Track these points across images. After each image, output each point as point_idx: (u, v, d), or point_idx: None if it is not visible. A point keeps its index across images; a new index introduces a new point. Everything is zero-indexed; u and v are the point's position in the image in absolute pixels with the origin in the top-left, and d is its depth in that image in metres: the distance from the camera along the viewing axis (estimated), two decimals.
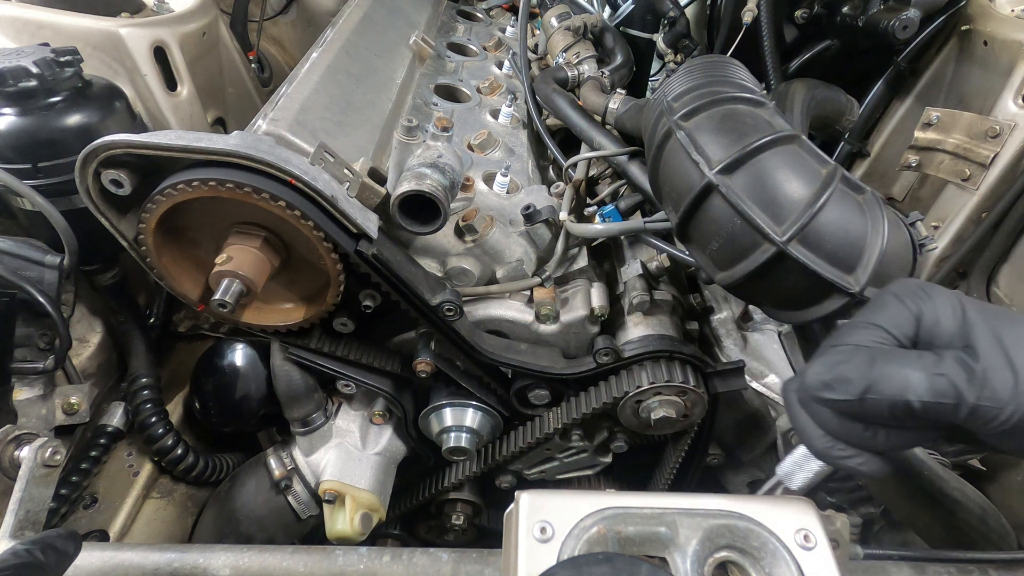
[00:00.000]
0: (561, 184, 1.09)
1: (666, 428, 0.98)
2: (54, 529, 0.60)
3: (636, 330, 0.96)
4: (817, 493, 0.98)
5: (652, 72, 1.63)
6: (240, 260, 0.78)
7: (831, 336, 0.51)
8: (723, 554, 0.49)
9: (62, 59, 0.94)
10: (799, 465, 0.57)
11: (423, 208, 0.80)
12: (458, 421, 1.04)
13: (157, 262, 0.81)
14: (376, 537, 1.25)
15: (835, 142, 1.35)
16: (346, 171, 0.80)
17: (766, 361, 0.99)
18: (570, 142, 1.28)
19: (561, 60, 1.35)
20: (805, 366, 0.50)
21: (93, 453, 1.06)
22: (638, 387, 0.91)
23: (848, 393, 0.46)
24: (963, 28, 1.16)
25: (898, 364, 0.45)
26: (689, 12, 1.50)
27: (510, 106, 1.24)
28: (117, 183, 0.74)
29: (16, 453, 0.83)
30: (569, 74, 1.30)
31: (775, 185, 0.69)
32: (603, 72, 1.31)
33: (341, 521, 1.01)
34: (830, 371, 0.47)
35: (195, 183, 0.72)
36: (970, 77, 1.15)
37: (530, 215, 0.94)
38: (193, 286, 0.87)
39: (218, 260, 0.77)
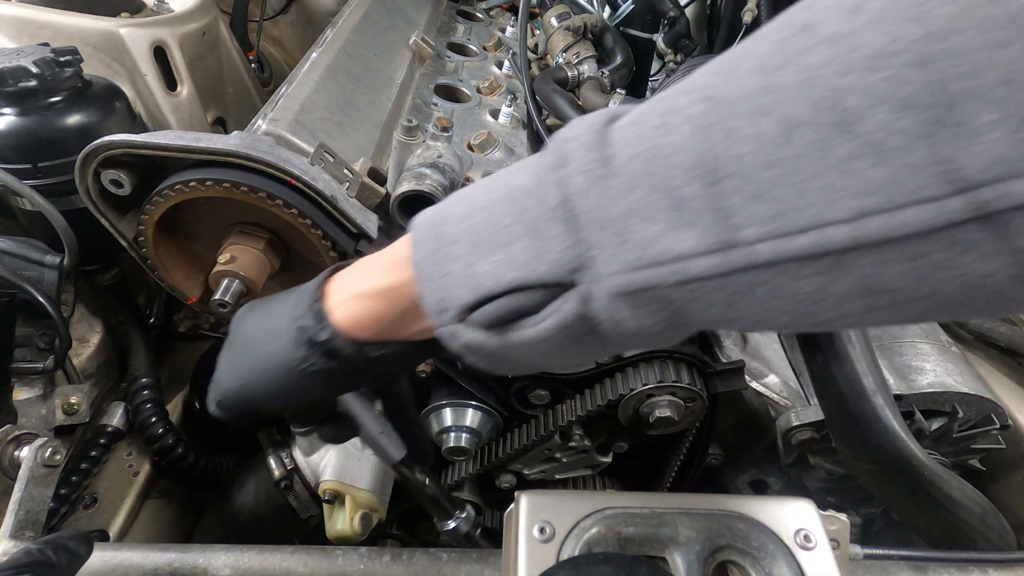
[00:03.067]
0: None
1: (666, 428, 0.98)
2: (67, 530, 0.60)
3: None
4: (818, 493, 0.98)
5: (652, 72, 1.63)
6: (241, 260, 0.78)
7: None
8: (723, 554, 0.49)
9: (62, 59, 0.94)
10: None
11: (423, 208, 0.80)
12: (458, 421, 1.04)
13: (157, 262, 0.81)
14: (376, 537, 1.25)
15: None
16: (346, 171, 0.80)
17: (766, 361, 0.99)
18: None
19: (561, 60, 1.35)
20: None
21: (93, 453, 1.06)
22: (639, 386, 0.91)
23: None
24: None
25: None
26: (689, 12, 1.50)
27: (510, 106, 1.24)
28: (117, 183, 0.74)
29: (16, 453, 0.83)
30: (569, 74, 1.29)
31: None
32: (603, 72, 1.31)
33: (341, 521, 1.01)
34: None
35: (195, 183, 0.72)
36: None
37: None
38: (193, 286, 0.87)
39: (220, 260, 0.77)
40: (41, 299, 0.92)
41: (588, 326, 0.34)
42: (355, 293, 0.45)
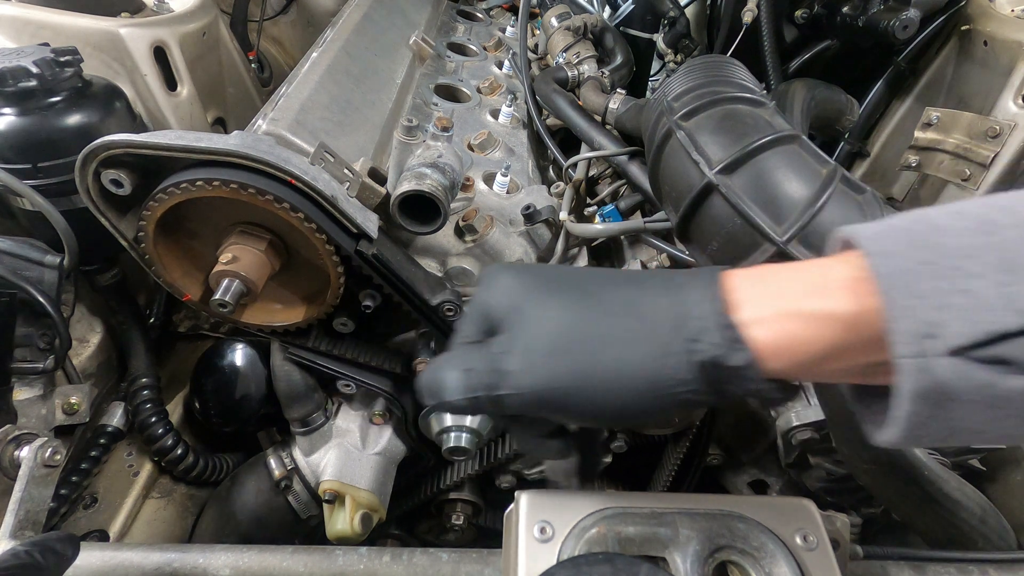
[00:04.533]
0: (561, 184, 1.09)
1: (666, 428, 0.98)
2: (53, 532, 0.60)
3: None
4: (817, 492, 0.98)
5: (652, 72, 1.63)
6: (243, 260, 0.78)
7: None
8: (723, 554, 0.49)
9: (62, 59, 0.94)
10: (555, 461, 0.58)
11: (423, 208, 0.80)
12: (458, 421, 1.03)
13: (157, 262, 0.81)
14: (376, 537, 1.25)
15: (835, 142, 1.35)
16: (346, 171, 0.80)
17: None
18: (570, 142, 1.28)
19: (561, 60, 1.35)
20: None
21: (93, 453, 1.06)
22: None
23: (428, 399, 0.44)
24: (963, 28, 1.16)
25: (445, 366, 0.43)
26: (689, 12, 1.50)
27: (510, 106, 1.24)
28: (117, 183, 0.74)
29: (16, 453, 0.83)
30: (569, 74, 1.29)
31: (775, 185, 0.69)
32: (603, 72, 1.31)
33: (341, 521, 1.01)
34: (418, 379, 0.46)
35: (195, 183, 0.72)
36: (970, 77, 1.15)
37: (530, 215, 0.94)
38: (193, 285, 0.87)
39: (222, 259, 0.77)
40: (41, 299, 0.92)
41: None
42: (791, 311, 0.35)
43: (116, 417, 1.11)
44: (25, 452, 0.73)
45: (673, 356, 0.36)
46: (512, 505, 0.53)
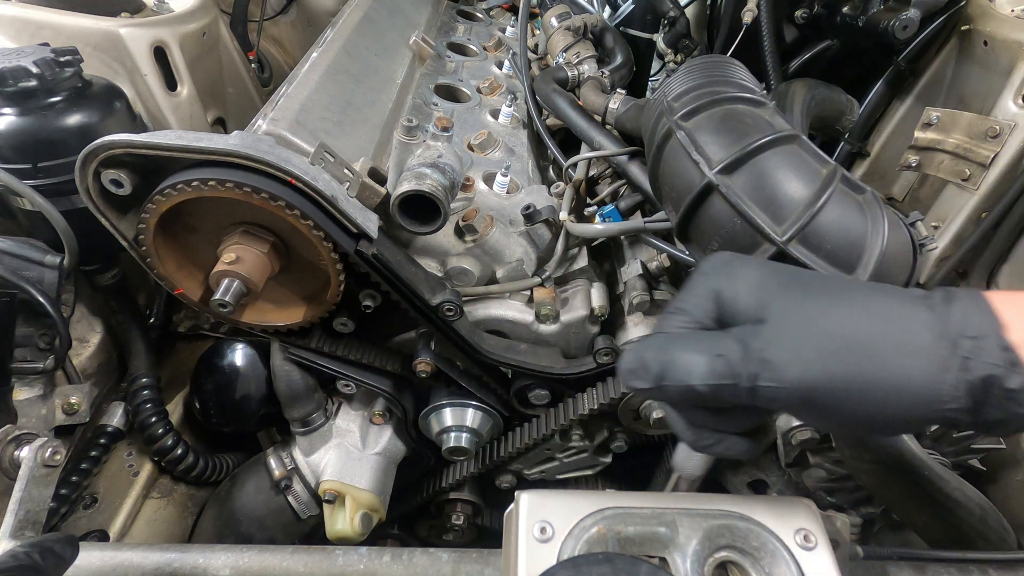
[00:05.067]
0: (561, 184, 1.09)
1: (666, 428, 0.98)
2: (52, 533, 0.60)
3: (636, 330, 0.96)
4: (817, 493, 0.98)
5: (652, 72, 1.63)
6: (245, 261, 0.78)
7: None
8: (723, 554, 0.49)
9: (62, 59, 0.94)
10: (687, 454, 0.57)
11: (423, 208, 0.80)
12: (458, 421, 1.04)
13: (157, 262, 0.81)
14: (376, 537, 1.25)
15: (835, 142, 1.35)
16: (346, 171, 0.80)
17: None
18: (570, 142, 1.28)
19: (561, 60, 1.35)
20: None
21: (93, 453, 1.06)
22: None
23: (646, 380, 0.44)
24: (963, 28, 1.16)
25: (683, 348, 0.43)
26: (689, 12, 1.50)
27: (510, 106, 1.24)
28: (117, 183, 0.74)
29: (16, 453, 0.83)
30: (569, 74, 1.29)
31: (775, 185, 0.69)
32: (603, 72, 1.31)
33: (341, 521, 1.01)
34: (634, 360, 0.45)
35: (195, 183, 0.72)
36: (970, 77, 1.15)
37: (530, 215, 0.94)
38: (192, 285, 0.87)
39: (225, 259, 0.77)
40: (41, 299, 0.92)
41: None
42: None
43: (116, 417, 1.11)
44: (25, 452, 0.73)
45: (951, 372, 0.36)
46: (512, 505, 0.53)
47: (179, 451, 1.10)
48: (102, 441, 1.08)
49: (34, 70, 0.90)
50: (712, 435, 0.48)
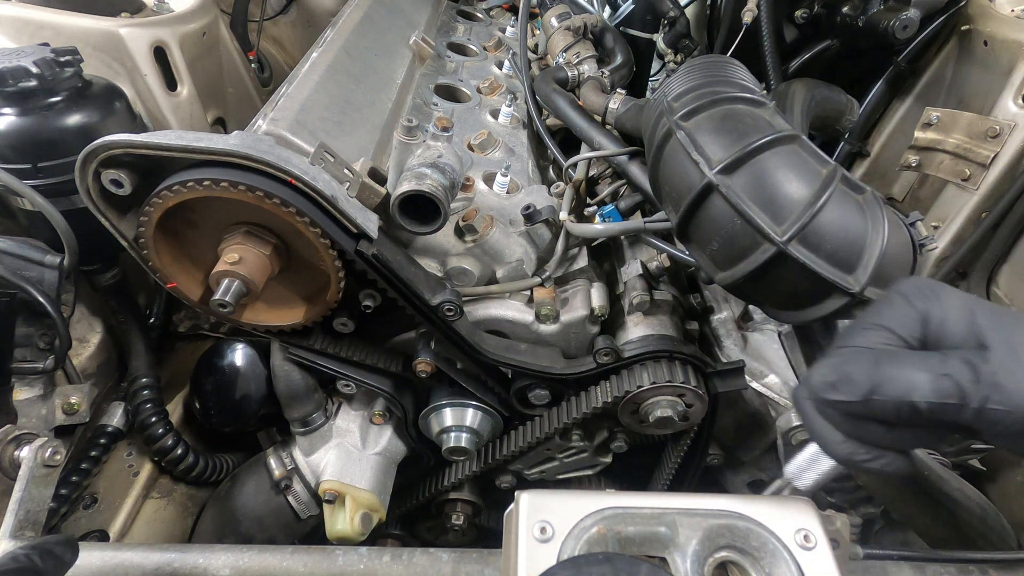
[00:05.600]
0: (561, 184, 1.09)
1: (666, 428, 0.98)
2: (52, 535, 0.61)
3: (636, 330, 0.96)
4: (818, 493, 0.98)
5: (652, 72, 1.63)
6: (247, 261, 0.78)
7: (837, 338, 0.50)
8: (723, 554, 0.49)
9: (62, 59, 0.94)
10: (809, 465, 0.56)
11: (423, 208, 0.80)
12: (458, 421, 1.04)
13: (157, 262, 0.81)
14: (376, 537, 1.25)
15: (835, 142, 1.35)
16: (346, 171, 0.80)
17: (766, 361, 0.99)
18: (570, 142, 1.28)
19: (561, 60, 1.35)
20: (810, 369, 0.49)
21: (93, 453, 1.06)
22: (638, 387, 0.91)
23: (853, 394, 0.45)
24: (963, 28, 1.16)
25: (903, 365, 0.45)
26: (689, 12, 1.50)
27: (510, 106, 1.24)
28: (117, 183, 0.74)
29: (16, 453, 0.83)
30: (569, 74, 1.29)
31: (775, 185, 0.69)
32: (603, 72, 1.31)
33: (341, 521, 1.01)
34: (835, 372, 0.47)
35: (195, 183, 0.72)
36: (970, 77, 1.15)
37: (530, 215, 0.94)
38: (193, 285, 0.87)
39: (227, 259, 0.77)
40: (41, 299, 0.92)
41: None
42: None
43: (116, 417, 1.11)
44: (25, 452, 0.73)
45: None
46: (512, 505, 0.53)
47: (179, 451, 1.10)
48: (102, 441, 1.08)
49: (34, 70, 0.90)
50: (871, 450, 0.48)
